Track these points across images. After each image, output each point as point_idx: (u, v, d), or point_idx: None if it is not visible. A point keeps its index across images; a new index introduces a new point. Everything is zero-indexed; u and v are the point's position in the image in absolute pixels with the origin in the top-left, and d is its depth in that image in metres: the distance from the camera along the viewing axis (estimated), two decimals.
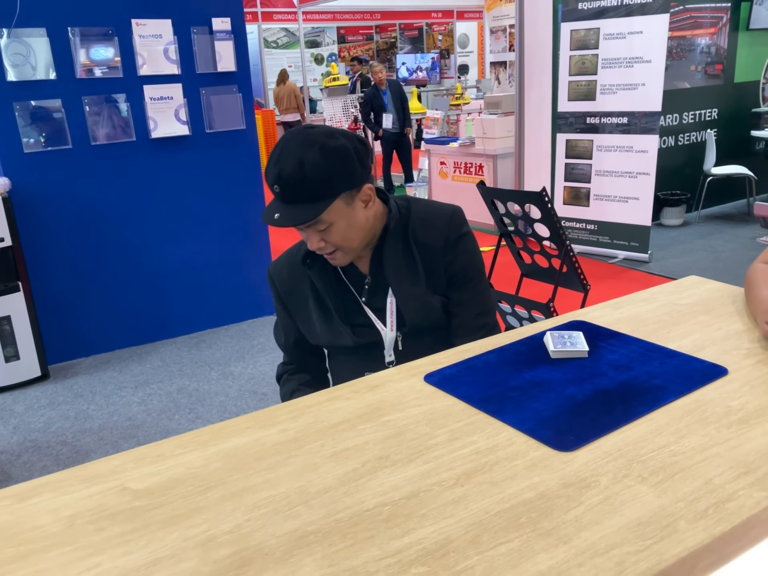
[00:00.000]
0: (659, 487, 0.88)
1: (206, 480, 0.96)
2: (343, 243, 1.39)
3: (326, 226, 1.35)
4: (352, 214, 1.37)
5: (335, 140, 1.31)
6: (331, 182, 1.31)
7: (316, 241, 1.38)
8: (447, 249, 1.48)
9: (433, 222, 1.49)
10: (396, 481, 0.92)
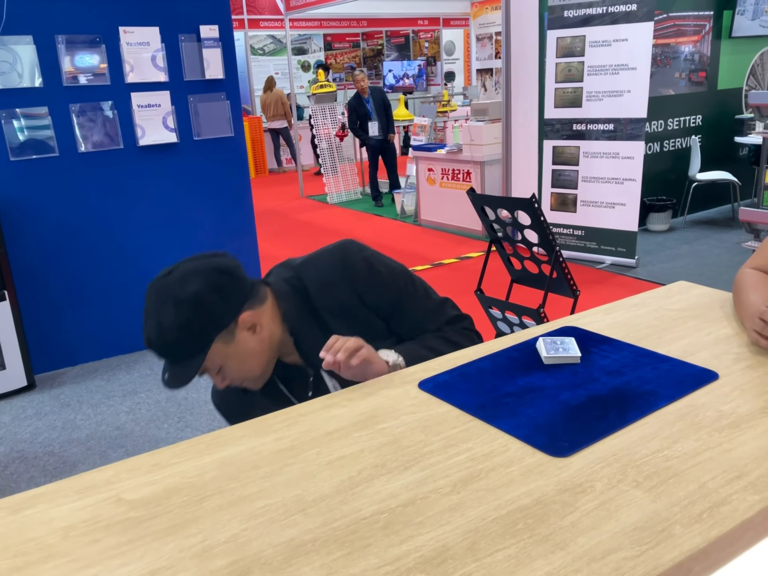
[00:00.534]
0: (654, 492, 0.88)
1: (202, 489, 0.95)
2: (243, 375, 1.32)
3: (217, 369, 1.29)
4: (238, 348, 1.28)
5: (188, 288, 1.22)
6: (196, 335, 1.23)
7: (220, 383, 1.33)
8: (363, 296, 1.37)
9: (332, 281, 1.36)
10: (392, 489, 0.92)
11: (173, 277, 1.25)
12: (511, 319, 2.21)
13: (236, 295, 1.28)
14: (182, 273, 1.25)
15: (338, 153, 8.43)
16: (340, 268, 1.37)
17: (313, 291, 1.36)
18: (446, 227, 6.51)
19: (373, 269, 1.38)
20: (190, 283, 1.23)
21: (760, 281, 1.41)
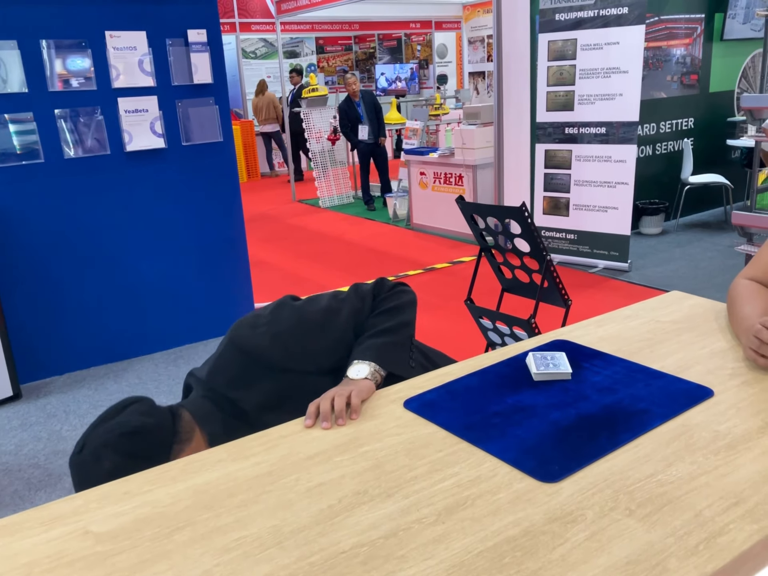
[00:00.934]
0: (648, 521, 0.84)
1: (174, 520, 0.91)
2: None
3: None
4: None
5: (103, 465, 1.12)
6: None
7: None
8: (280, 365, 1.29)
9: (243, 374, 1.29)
10: (374, 519, 0.88)
11: (86, 455, 1.15)
12: (502, 330, 2.18)
13: (156, 449, 1.16)
14: (93, 449, 1.15)
15: (330, 157, 8.39)
16: (241, 359, 1.29)
17: (234, 396, 1.28)
18: (439, 231, 6.47)
19: (275, 337, 1.30)
20: (103, 460, 1.13)
21: (754, 292, 1.37)
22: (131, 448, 1.14)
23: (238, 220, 4.26)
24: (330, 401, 1.15)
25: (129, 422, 1.17)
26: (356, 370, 1.26)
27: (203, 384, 1.32)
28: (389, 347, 1.30)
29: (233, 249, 4.27)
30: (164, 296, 4.09)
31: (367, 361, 1.26)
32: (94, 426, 1.19)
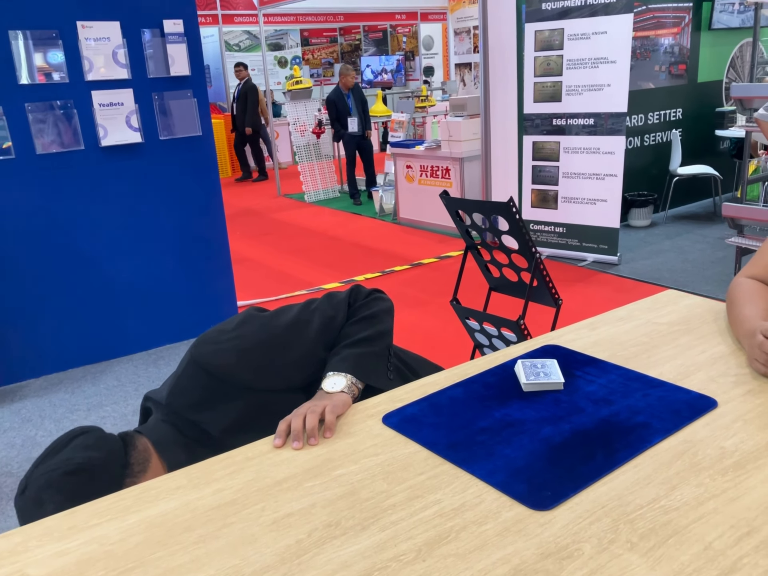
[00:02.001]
0: (651, 556, 0.75)
1: (122, 561, 0.81)
2: None
3: None
4: None
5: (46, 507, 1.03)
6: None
7: None
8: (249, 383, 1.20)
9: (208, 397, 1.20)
10: (347, 557, 0.79)
11: (28, 497, 1.06)
12: (490, 331, 2.08)
13: (104, 487, 1.05)
14: (35, 491, 1.06)
15: (315, 150, 8.27)
16: (205, 379, 1.19)
17: (198, 419, 1.19)
18: (425, 225, 6.38)
19: (241, 354, 1.20)
20: (46, 503, 1.04)
21: (755, 292, 1.29)
22: (76, 488, 1.04)
23: (218, 216, 4.15)
24: (302, 418, 1.05)
25: (73, 459, 1.06)
26: (332, 382, 1.16)
27: (163, 407, 1.21)
28: (366, 358, 1.20)
29: (214, 246, 4.16)
30: (143, 295, 3.97)
31: (344, 373, 1.17)
32: (37, 464, 1.08)
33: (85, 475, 1.05)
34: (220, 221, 4.17)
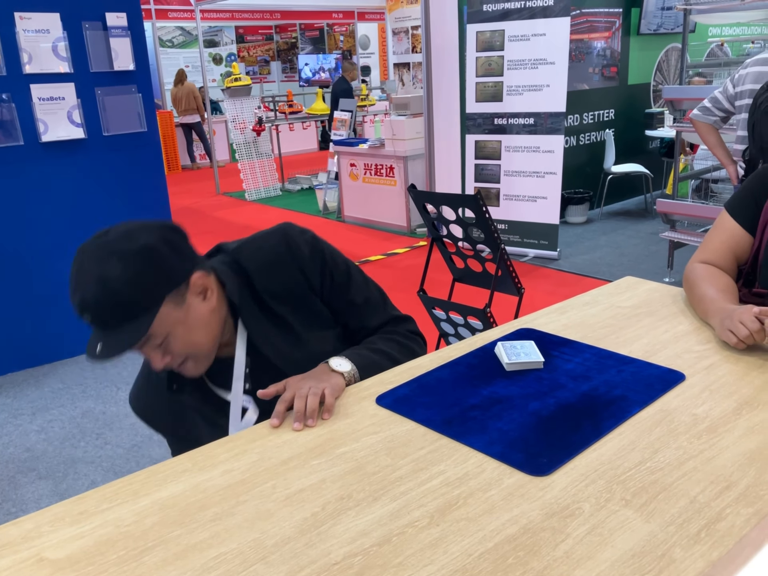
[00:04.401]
0: (645, 510, 0.82)
1: (142, 540, 0.82)
2: (190, 349, 1.16)
3: (162, 339, 1.12)
4: (188, 314, 1.14)
5: (135, 242, 1.10)
6: (146, 292, 1.08)
7: (159, 360, 1.14)
8: (309, 278, 1.26)
9: (274, 261, 1.24)
10: (363, 525, 0.82)
11: (114, 235, 1.12)
12: (456, 320, 2.15)
13: (189, 252, 1.16)
14: (126, 230, 1.13)
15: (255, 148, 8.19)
16: (282, 249, 1.25)
17: (254, 273, 1.24)
18: (371, 223, 6.43)
19: (316, 250, 1.27)
20: (137, 238, 1.10)
21: (713, 275, 1.40)
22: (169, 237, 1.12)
23: (164, 213, 4.09)
24: (304, 400, 1.07)
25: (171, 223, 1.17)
26: (338, 363, 1.20)
27: (228, 254, 1.27)
28: (376, 366, 1.25)
29: None
30: None
31: (352, 363, 1.21)
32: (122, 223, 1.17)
33: (178, 234, 1.15)
34: (166, 218, 4.11)
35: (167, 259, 1.11)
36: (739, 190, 1.49)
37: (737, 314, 1.21)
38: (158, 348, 1.13)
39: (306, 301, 1.26)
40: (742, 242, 1.43)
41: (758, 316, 1.18)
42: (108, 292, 1.06)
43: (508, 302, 2.27)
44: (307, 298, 1.26)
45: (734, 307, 1.26)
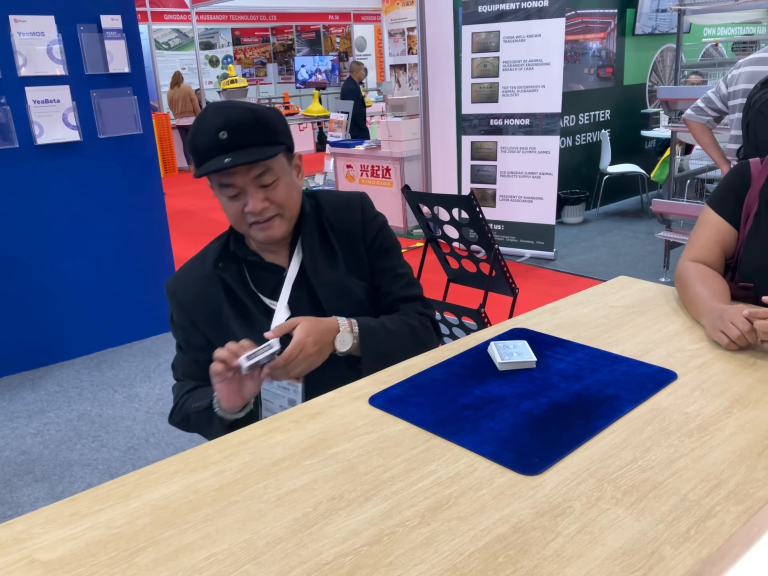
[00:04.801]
0: (636, 509, 0.83)
1: (133, 541, 0.82)
2: (285, 203, 1.31)
3: (273, 180, 1.28)
4: (290, 176, 1.33)
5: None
6: (278, 129, 1.28)
7: (259, 200, 1.27)
8: (366, 229, 1.43)
9: (346, 207, 1.44)
10: (355, 525, 0.83)
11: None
12: (450, 320, 2.15)
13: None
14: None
15: None
16: (355, 200, 1.45)
17: (325, 206, 1.42)
18: None
19: (380, 216, 1.47)
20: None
21: (706, 275, 1.40)
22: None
23: (160, 215, 4.08)
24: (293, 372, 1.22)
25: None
26: (342, 340, 1.29)
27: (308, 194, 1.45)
28: (379, 346, 1.32)
29: (156, 246, 4.09)
30: (84, 297, 3.86)
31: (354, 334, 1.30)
32: None
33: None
34: (162, 221, 4.11)
35: (284, 120, 1.34)
36: (719, 186, 1.51)
37: (728, 315, 1.22)
38: (263, 190, 1.28)
39: (356, 247, 1.42)
40: (727, 236, 1.46)
41: (748, 317, 1.19)
42: (254, 113, 1.26)
43: (503, 302, 2.28)
44: (358, 245, 1.42)
45: (725, 308, 1.26)
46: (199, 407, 1.30)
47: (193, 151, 1.27)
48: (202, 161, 1.25)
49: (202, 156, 1.25)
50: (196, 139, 1.26)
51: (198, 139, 1.25)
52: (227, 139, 1.21)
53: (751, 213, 1.42)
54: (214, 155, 1.22)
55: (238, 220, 1.32)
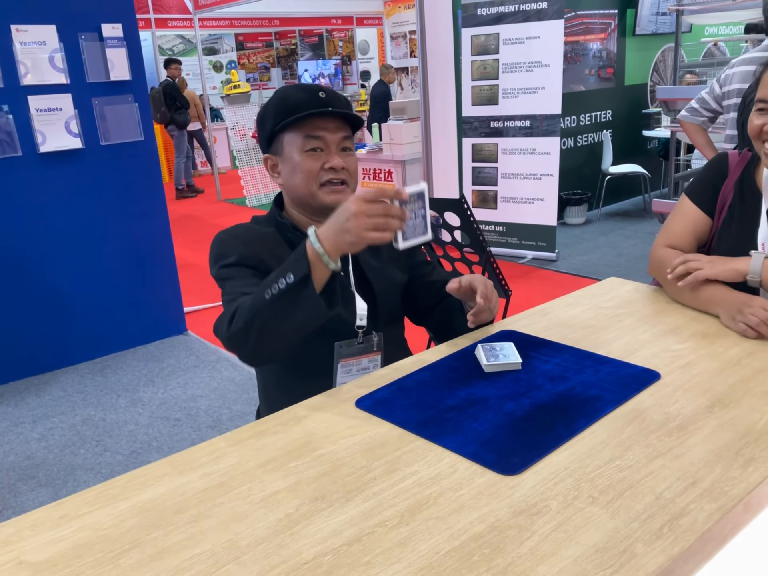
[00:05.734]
0: (611, 507, 0.84)
1: (119, 542, 0.84)
2: (354, 175, 1.40)
3: (351, 148, 1.38)
4: (355, 157, 1.42)
5: None
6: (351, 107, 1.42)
7: (339, 160, 1.35)
8: None
9: None
10: (335, 525, 0.84)
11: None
12: None
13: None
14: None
15: (255, 154, 8.24)
16: None
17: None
18: None
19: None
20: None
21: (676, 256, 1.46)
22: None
23: (163, 221, 4.11)
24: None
25: None
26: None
27: None
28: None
29: (159, 252, 4.12)
30: (88, 303, 3.90)
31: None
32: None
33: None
34: (165, 226, 4.14)
35: None
36: (697, 176, 1.56)
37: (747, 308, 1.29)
38: (342, 153, 1.36)
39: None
40: (702, 226, 1.52)
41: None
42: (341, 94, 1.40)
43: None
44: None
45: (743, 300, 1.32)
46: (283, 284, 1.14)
47: (285, 108, 1.34)
48: (295, 113, 1.33)
49: (298, 108, 1.33)
50: (291, 96, 1.35)
51: (294, 95, 1.35)
52: (326, 98, 1.34)
53: (726, 204, 1.46)
54: (312, 108, 1.32)
55: (310, 178, 1.35)
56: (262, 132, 1.42)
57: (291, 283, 1.12)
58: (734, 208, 1.47)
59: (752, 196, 1.45)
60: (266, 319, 1.15)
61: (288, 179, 1.39)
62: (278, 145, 1.39)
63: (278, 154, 1.40)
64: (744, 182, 1.47)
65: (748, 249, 1.39)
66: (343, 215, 1.13)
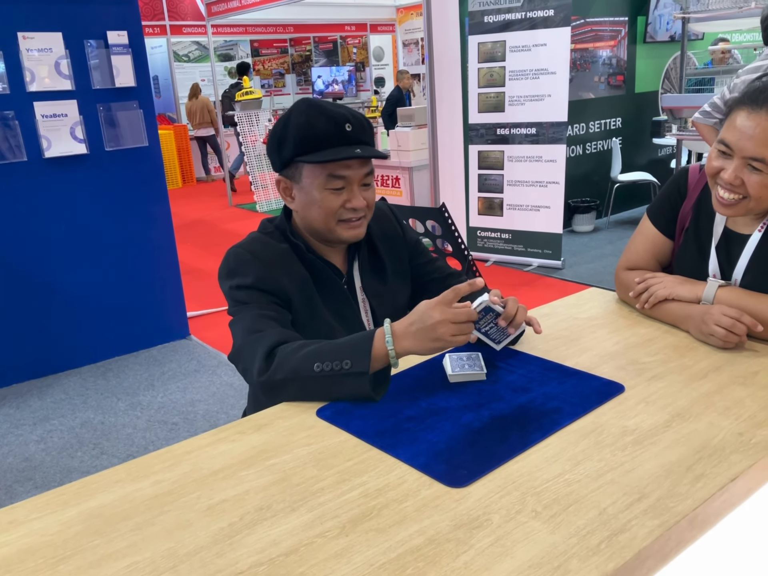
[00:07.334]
0: (552, 522, 0.83)
1: (61, 549, 0.85)
2: (372, 206, 1.39)
3: (372, 181, 1.37)
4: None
5: None
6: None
7: (360, 199, 1.34)
8: (404, 231, 1.54)
9: (382, 215, 1.51)
10: (275, 535, 0.84)
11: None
12: None
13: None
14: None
15: (267, 160, 8.28)
16: (385, 209, 1.54)
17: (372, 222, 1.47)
18: None
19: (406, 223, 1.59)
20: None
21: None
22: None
23: (166, 226, 4.14)
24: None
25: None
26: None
27: None
28: None
29: (162, 257, 4.15)
30: (90, 307, 3.94)
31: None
32: None
33: None
34: (168, 232, 4.17)
35: None
36: (657, 197, 1.54)
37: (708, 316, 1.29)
38: (363, 189, 1.35)
39: (399, 250, 1.51)
40: (663, 248, 1.51)
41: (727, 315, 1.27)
42: (363, 116, 1.34)
43: None
44: (400, 248, 1.51)
45: (702, 310, 1.31)
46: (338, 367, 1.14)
47: (308, 138, 1.28)
48: (319, 147, 1.28)
49: (322, 142, 1.28)
50: (315, 125, 1.28)
51: (319, 125, 1.28)
52: (352, 132, 1.29)
53: (684, 226, 1.44)
54: (337, 144, 1.28)
55: (330, 215, 1.33)
56: (278, 154, 1.35)
57: (347, 370, 1.14)
58: (689, 233, 1.45)
59: (708, 220, 1.42)
60: (308, 387, 1.17)
61: (304, 209, 1.35)
62: (296, 172, 1.33)
63: (295, 180, 1.34)
64: (701, 204, 1.44)
65: (702, 276, 1.38)
66: (427, 322, 1.14)
